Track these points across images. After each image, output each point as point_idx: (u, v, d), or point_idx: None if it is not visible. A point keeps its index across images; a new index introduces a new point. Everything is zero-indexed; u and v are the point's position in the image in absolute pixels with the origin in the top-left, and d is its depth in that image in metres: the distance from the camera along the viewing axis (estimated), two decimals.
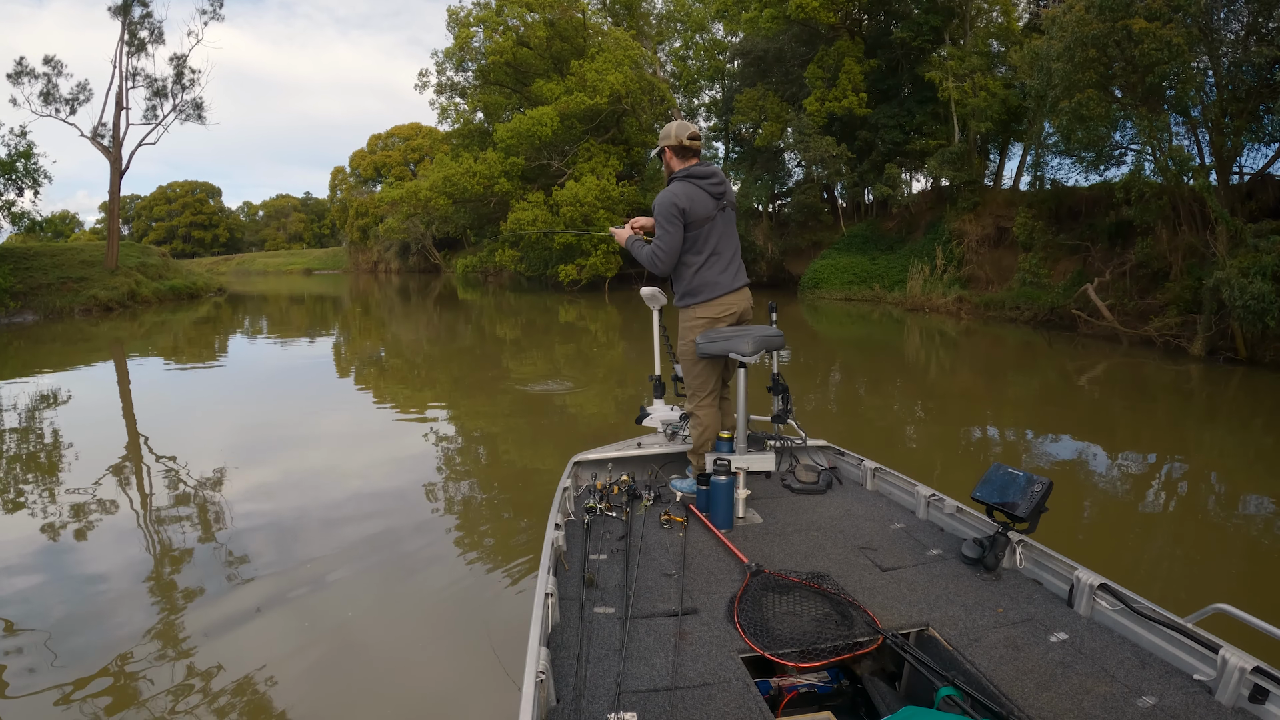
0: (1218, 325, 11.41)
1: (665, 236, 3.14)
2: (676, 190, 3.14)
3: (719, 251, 3.23)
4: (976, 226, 19.88)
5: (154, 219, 77.89)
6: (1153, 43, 11.33)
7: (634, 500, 3.17)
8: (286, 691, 3.10)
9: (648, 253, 3.22)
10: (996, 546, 2.43)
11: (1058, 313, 15.48)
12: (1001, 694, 1.77)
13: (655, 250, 3.17)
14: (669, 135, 3.23)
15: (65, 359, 13.67)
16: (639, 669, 1.93)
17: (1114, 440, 7.32)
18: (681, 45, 34.53)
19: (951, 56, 20.81)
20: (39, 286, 22.61)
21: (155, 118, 26.92)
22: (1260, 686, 1.67)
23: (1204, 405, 9.21)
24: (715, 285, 3.22)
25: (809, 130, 22.87)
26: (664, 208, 3.12)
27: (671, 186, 3.18)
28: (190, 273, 32.83)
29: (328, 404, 9.24)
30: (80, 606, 3.89)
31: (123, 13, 25.24)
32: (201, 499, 5.61)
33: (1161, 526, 5.12)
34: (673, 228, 3.13)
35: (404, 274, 53.89)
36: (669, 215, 3.12)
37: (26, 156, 22.15)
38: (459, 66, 30.74)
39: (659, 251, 3.16)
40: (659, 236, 3.16)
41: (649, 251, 3.21)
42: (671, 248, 3.15)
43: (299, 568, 4.30)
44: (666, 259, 3.17)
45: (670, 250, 3.15)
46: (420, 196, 28.38)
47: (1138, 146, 13.90)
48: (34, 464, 6.78)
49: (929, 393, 9.93)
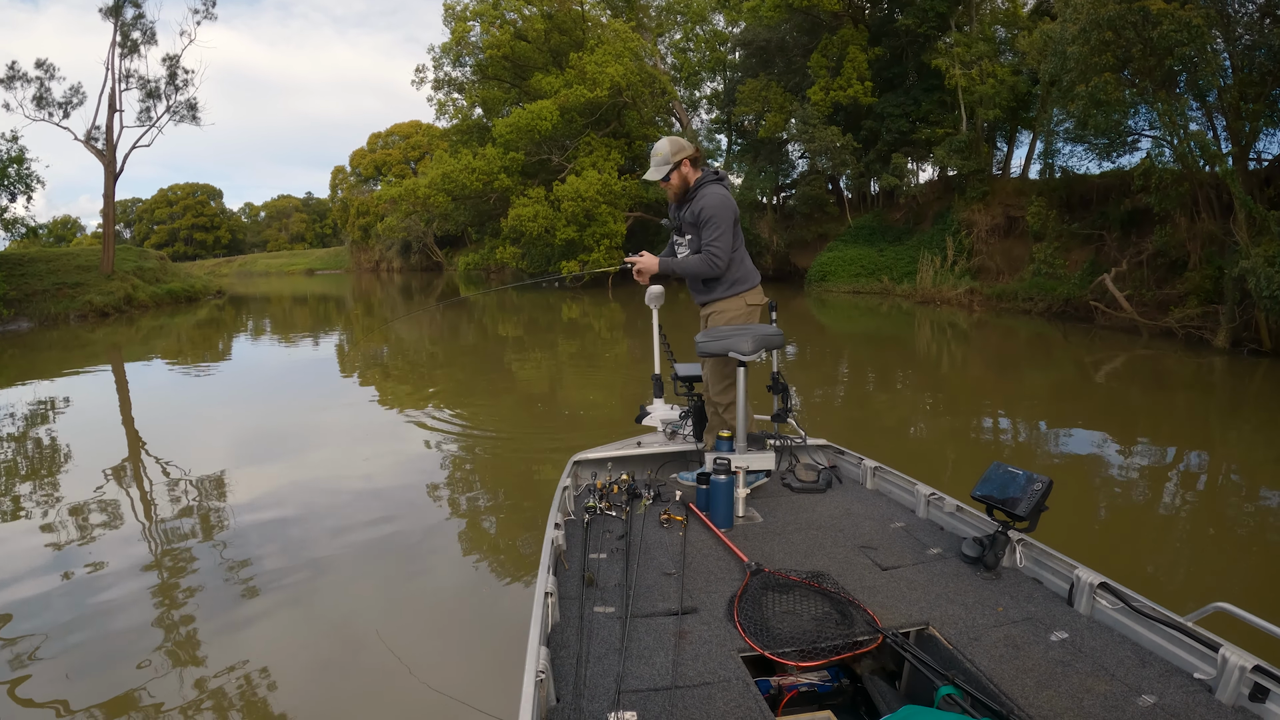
0: (1242, 316, 11.10)
1: (725, 237, 3.24)
2: (725, 193, 3.29)
3: (743, 243, 3.44)
4: (986, 216, 19.53)
5: (155, 222, 77.89)
6: (1171, 24, 10.98)
7: (634, 499, 3.18)
8: (287, 691, 3.14)
9: (699, 261, 3.27)
10: (996, 545, 2.43)
11: (1073, 304, 15.14)
12: (1001, 693, 1.77)
13: (712, 254, 3.24)
14: (684, 148, 3.31)
15: (62, 366, 13.45)
16: (639, 668, 1.92)
17: (1132, 435, 7.14)
18: (682, 37, 34.14)
19: (958, 43, 20.43)
20: (33, 293, 22.28)
21: (149, 119, 26.54)
22: (1260, 685, 1.66)
23: (1227, 399, 9.02)
24: (754, 272, 3.44)
25: (813, 120, 22.53)
26: (727, 210, 3.24)
27: (719, 189, 3.29)
28: (188, 276, 32.54)
29: (329, 404, 9.08)
30: (81, 606, 3.90)
31: (114, 14, 24.92)
32: (203, 500, 5.61)
33: (1181, 525, 5.00)
34: (731, 228, 3.27)
35: (406, 272, 53.87)
36: (733, 217, 3.28)
37: (19, 162, 21.80)
38: (456, 61, 30.38)
39: (718, 253, 3.24)
40: (719, 238, 3.23)
41: (701, 259, 3.26)
42: (728, 247, 3.27)
43: (299, 567, 4.34)
44: (724, 258, 3.27)
45: (727, 250, 3.27)
46: (419, 194, 28.08)
47: (1155, 132, 13.51)
48: (34, 470, 6.75)
49: (941, 387, 9.73)
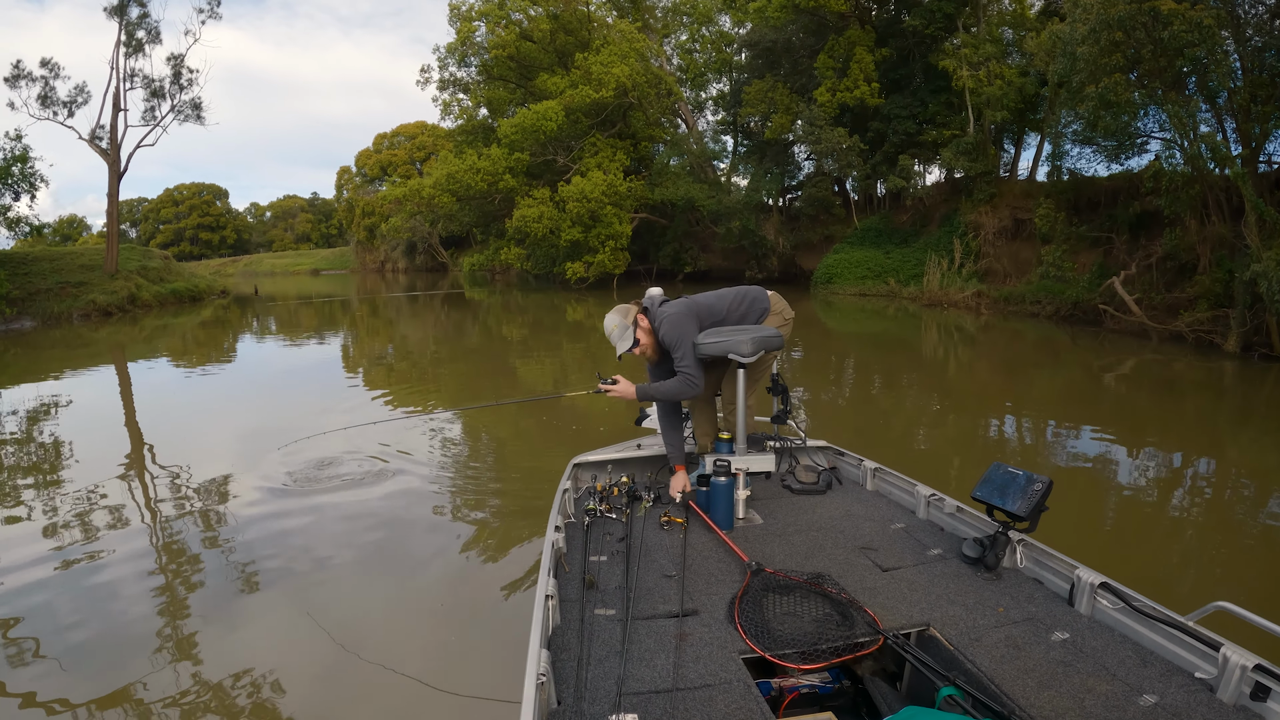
0: (1252, 320, 10.97)
1: (689, 355, 3.10)
2: (674, 307, 3.17)
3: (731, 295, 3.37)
4: (993, 218, 19.39)
5: (161, 221, 78.06)
6: (1182, 24, 10.86)
7: (634, 501, 3.17)
8: (287, 691, 3.13)
9: (676, 383, 3.10)
10: (997, 546, 2.41)
11: (1081, 307, 15.00)
12: (1003, 693, 1.76)
13: (686, 375, 3.08)
14: (627, 310, 3.20)
15: (65, 365, 13.43)
16: (640, 670, 1.92)
17: (1141, 440, 7.06)
18: (688, 38, 34.03)
19: (965, 44, 20.30)
20: (37, 292, 22.27)
21: (153, 119, 26.59)
22: (1262, 684, 1.65)
23: (1237, 404, 8.92)
24: (761, 296, 3.39)
25: (820, 122, 22.41)
26: (684, 321, 3.11)
27: (667, 309, 3.18)
28: (192, 275, 32.55)
29: (330, 405, 9.00)
30: (83, 606, 3.89)
31: (119, 13, 24.94)
32: (205, 498, 5.61)
33: (1189, 529, 4.94)
34: (693, 336, 3.13)
35: (411, 273, 53.89)
36: (695, 320, 3.15)
37: (23, 161, 21.79)
38: (461, 62, 30.32)
39: (690, 373, 3.07)
40: (684, 356, 3.09)
41: (677, 380, 3.10)
42: (695, 363, 3.13)
43: (300, 567, 4.34)
44: (698, 376, 3.10)
45: (696, 366, 3.12)
46: (424, 195, 28.00)
47: (1164, 134, 13.37)
48: (37, 468, 6.75)
49: (948, 391, 9.64)
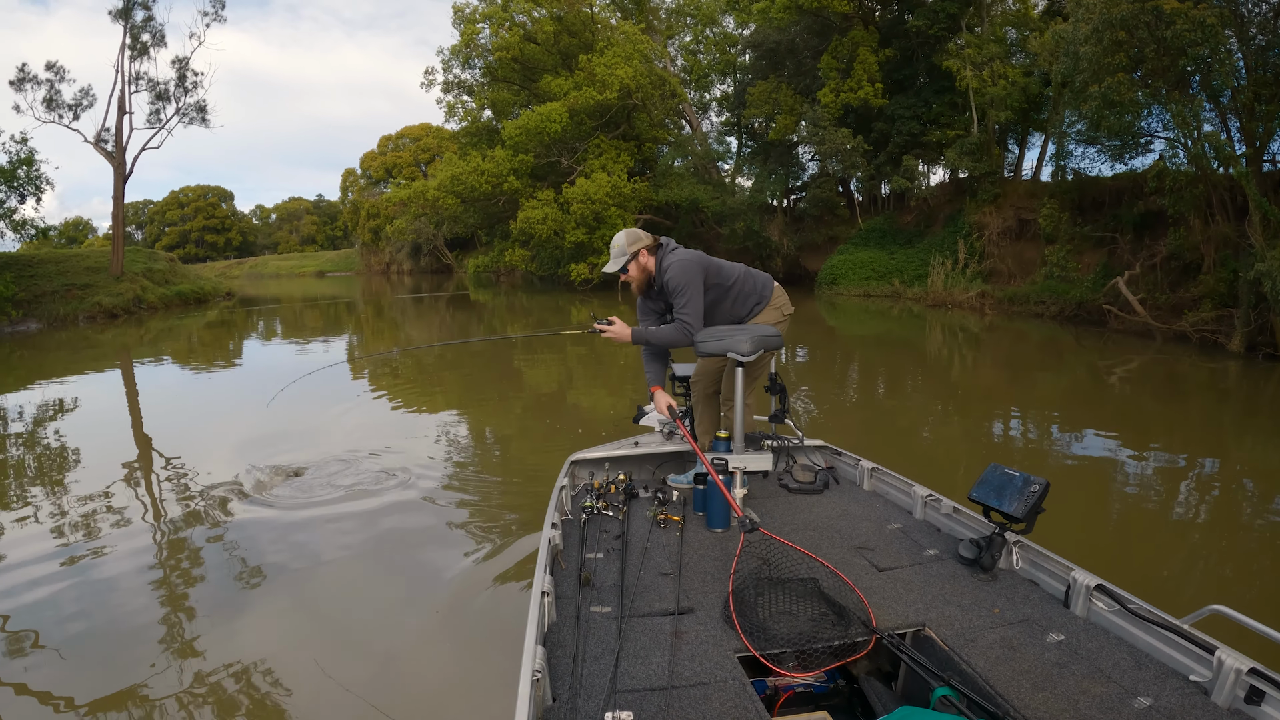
0: (1257, 320, 10.93)
1: (694, 301, 3.12)
2: (686, 255, 3.16)
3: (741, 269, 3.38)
4: (997, 219, 19.35)
5: (166, 224, 78.43)
6: (1185, 23, 10.84)
7: (631, 499, 3.17)
8: (285, 689, 3.15)
9: (672, 329, 3.12)
10: (993, 547, 2.41)
11: (1085, 307, 14.97)
12: (997, 694, 1.77)
13: (684, 321, 3.10)
14: (640, 239, 3.14)
15: (70, 367, 13.51)
16: (635, 668, 1.93)
17: (1145, 440, 7.04)
18: (692, 39, 34.08)
19: (969, 44, 20.27)
20: (42, 294, 22.31)
21: (158, 121, 26.70)
22: (1256, 688, 1.65)
23: (1242, 404, 8.90)
24: (767, 281, 3.48)
25: (824, 123, 22.41)
26: (691, 269, 3.10)
27: (679, 255, 3.16)
28: (198, 277, 32.66)
29: (330, 405, 9.03)
30: (84, 606, 3.92)
31: (124, 16, 25.06)
32: (208, 498, 5.65)
33: (1192, 531, 4.92)
34: (701, 286, 3.15)
35: (416, 275, 53.99)
36: (701, 272, 3.15)
37: (28, 163, 21.86)
38: (465, 64, 30.40)
39: (689, 319, 3.10)
40: (688, 303, 3.09)
41: (674, 327, 3.12)
42: (699, 310, 3.16)
43: (300, 566, 4.38)
44: (697, 323, 3.14)
45: (699, 313, 3.15)
46: (428, 196, 28.09)
47: (1168, 133, 13.33)
48: (42, 469, 6.79)
49: (952, 391, 9.63)
